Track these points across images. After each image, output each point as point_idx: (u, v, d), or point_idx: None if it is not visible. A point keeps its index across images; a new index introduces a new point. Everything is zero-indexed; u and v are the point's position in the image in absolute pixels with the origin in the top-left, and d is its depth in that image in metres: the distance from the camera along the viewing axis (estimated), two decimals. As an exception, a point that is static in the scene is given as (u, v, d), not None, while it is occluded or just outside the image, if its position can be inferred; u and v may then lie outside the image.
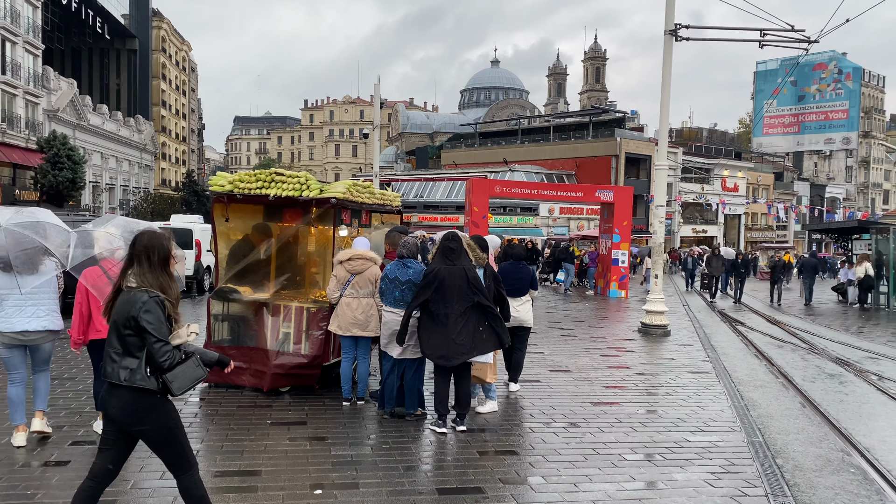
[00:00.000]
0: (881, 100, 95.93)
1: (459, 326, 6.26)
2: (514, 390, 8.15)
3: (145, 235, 3.85)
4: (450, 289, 6.28)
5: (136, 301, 3.62)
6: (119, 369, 3.63)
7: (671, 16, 14.16)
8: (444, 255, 6.44)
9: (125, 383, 3.62)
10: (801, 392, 8.74)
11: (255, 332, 7.68)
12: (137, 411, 3.66)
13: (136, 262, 3.75)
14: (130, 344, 3.64)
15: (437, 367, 6.53)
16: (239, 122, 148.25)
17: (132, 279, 3.72)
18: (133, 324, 3.60)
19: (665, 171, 14.51)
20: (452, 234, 6.60)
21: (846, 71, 64.89)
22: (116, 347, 3.66)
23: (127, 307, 3.63)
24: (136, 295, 3.65)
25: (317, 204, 7.39)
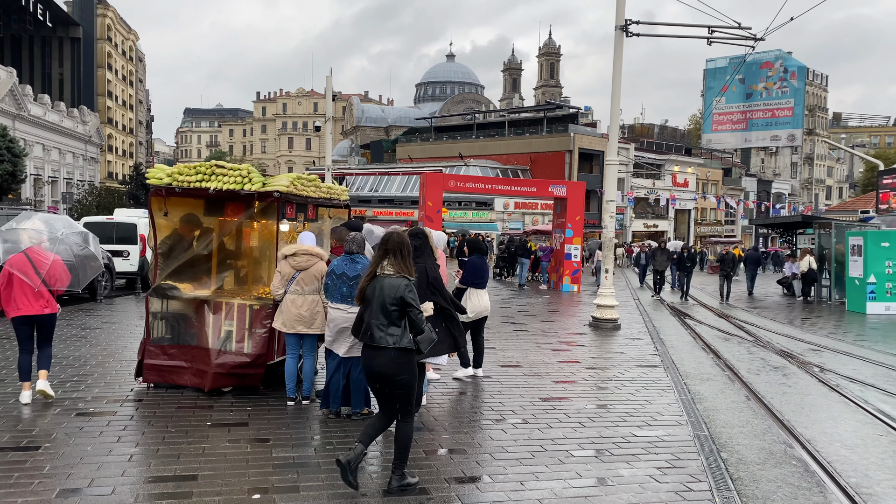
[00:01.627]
0: (824, 98, 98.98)
1: None
2: (481, 375, 8.55)
3: (395, 235, 4.96)
4: None
5: (400, 285, 4.76)
6: (386, 336, 4.74)
7: (622, 12, 14.24)
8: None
9: (392, 346, 4.72)
10: (747, 385, 8.87)
11: (196, 331, 7.42)
12: (399, 365, 4.73)
13: (392, 255, 4.85)
14: (395, 316, 4.75)
15: None
16: (189, 114, 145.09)
17: (389, 268, 4.83)
18: (400, 301, 4.72)
19: (616, 166, 14.62)
20: (417, 231, 6.46)
21: (791, 70, 66.74)
22: (382, 320, 4.75)
23: (393, 290, 4.74)
24: (398, 280, 4.79)
25: (259, 198, 7.16)
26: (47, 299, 6.84)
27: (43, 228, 6.95)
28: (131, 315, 13.68)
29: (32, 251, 6.77)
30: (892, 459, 6.03)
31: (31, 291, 6.71)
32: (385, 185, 56.44)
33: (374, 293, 4.83)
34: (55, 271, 6.82)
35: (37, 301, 6.76)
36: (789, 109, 67.48)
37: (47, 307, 6.83)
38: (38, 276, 6.70)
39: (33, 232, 6.86)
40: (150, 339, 7.50)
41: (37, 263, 6.72)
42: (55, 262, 6.83)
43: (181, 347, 7.44)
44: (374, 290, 4.85)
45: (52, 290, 6.89)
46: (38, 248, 6.82)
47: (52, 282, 6.83)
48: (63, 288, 6.97)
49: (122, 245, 17.94)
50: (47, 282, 6.79)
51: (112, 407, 6.78)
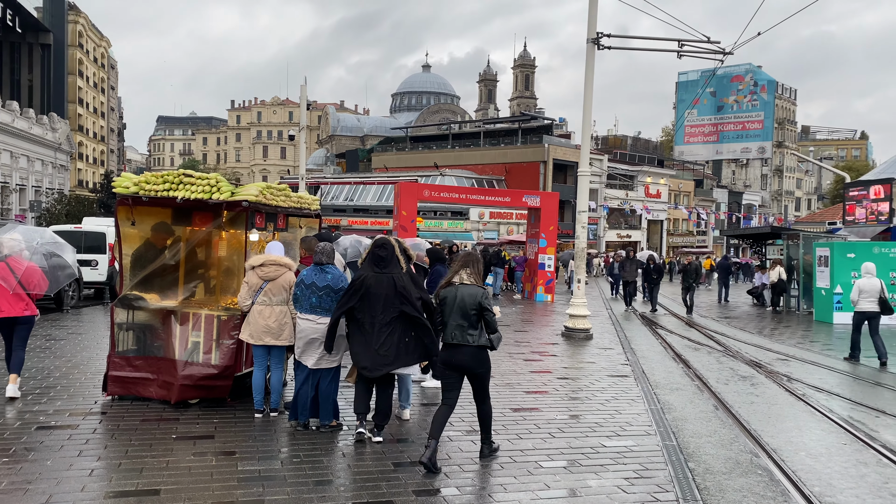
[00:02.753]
0: (793, 111, 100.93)
1: (384, 337, 6.07)
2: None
3: (472, 251, 6.16)
4: (376, 297, 6.09)
5: (478, 292, 5.74)
6: (467, 335, 5.68)
7: (593, 25, 14.40)
8: (372, 261, 6.26)
9: (473, 344, 5.67)
10: (715, 394, 8.95)
11: (163, 342, 7.31)
12: (479, 360, 5.75)
13: (470, 267, 5.89)
14: (474, 319, 5.67)
15: (358, 376, 6.35)
16: (162, 122, 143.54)
17: (467, 279, 5.82)
18: (479, 306, 5.66)
19: (588, 177, 14.73)
20: (383, 241, 6.41)
21: (761, 83, 68.04)
22: (462, 322, 5.68)
23: (472, 297, 5.70)
24: (475, 288, 5.78)
25: (228, 207, 7.09)
26: (27, 302, 7.49)
27: (21, 238, 7.67)
28: (98, 326, 13.44)
29: (12, 260, 7.37)
30: (855, 468, 6.11)
31: (9, 295, 7.33)
32: (360, 194, 56.30)
33: (453, 299, 5.75)
34: (33, 277, 7.46)
35: (17, 304, 7.38)
36: (759, 122, 68.72)
37: (27, 310, 7.48)
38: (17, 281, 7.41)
39: (13, 242, 7.49)
40: (116, 351, 7.38)
41: (16, 270, 7.36)
42: (33, 269, 7.51)
43: (147, 359, 7.32)
44: (453, 296, 5.77)
45: (30, 294, 7.55)
46: (18, 256, 7.46)
47: (30, 287, 7.48)
48: (42, 293, 7.68)
49: (91, 254, 17.66)
50: (25, 286, 7.45)
51: (74, 420, 6.64)
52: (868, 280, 12.22)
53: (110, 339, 7.45)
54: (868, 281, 12.21)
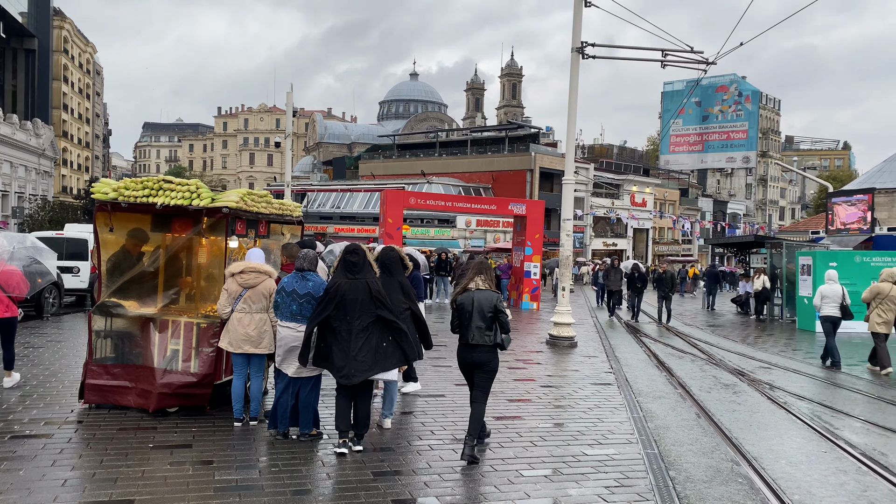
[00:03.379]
0: (777, 122, 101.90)
1: (361, 342, 6.05)
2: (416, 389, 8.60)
3: (484, 260, 6.77)
4: (351, 303, 6.06)
5: (494, 297, 6.26)
6: (484, 336, 6.17)
7: (578, 34, 14.48)
8: (344, 268, 6.22)
9: (489, 343, 6.19)
10: (697, 402, 8.96)
11: (141, 350, 7.22)
12: (493, 357, 6.27)
13: (483, 275, 6.41)
14: (490, 321, 6.19)
15: (339, 385, 6.30)
16: (148, 129, 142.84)
17: (482, 285, 6.34)
18: (494, 309, 6.17)
19: (572, 185, 14.77)
20: (354, 247, 6.39)
21: (746, 94, 68.39)
22: (480, 324, 6.18)
23: (489, 301, 6.21)
24: (490, 293, 6.30)
25: (208, 213, 7.03)
26: (7, 304, 7.92)
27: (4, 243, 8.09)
28: (78, 333, 13.28)
29: None
30: (834, 476, 6.12)
31: None
32: (347, 201, 56.20)
33: (471, 303, 6.25)
34: (12, 280, 7.87)
35: None
36: (744, 132, 69.11)
37: (7, 311, 7.94)
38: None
39: None
40: (93, 359, 7.28)
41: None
42: (12, 272, 7.90)
43: (125, 367, 7.23)
44: (470, 300, 6.27)
45: (11, 296, 7.92)
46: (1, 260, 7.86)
47: (9, 289, 7.87)
48: (22, 295, 8.03)
49: (72, 261, 17.48)
50: (5, 288, 7.84)
51: (49, 429, 6.54)
52: (830, 286, 12.66)
53: (88, 347, 7.35)
54: (830, 287, 12.65)
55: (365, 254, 6.36)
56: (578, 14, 14.38)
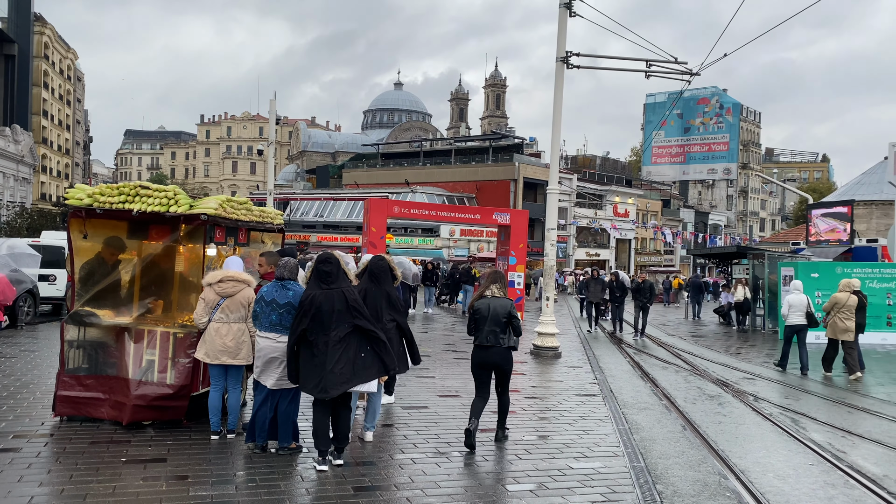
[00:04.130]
0: (758, 134, 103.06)
1: (338, 354, 5.84)
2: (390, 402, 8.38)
3: (498, 270, 7.54)
4: (327, 314, 5.87)
5: (508, 303, 6.89)
6: (499, 338, 6.76)
7: (562, 44, 14.47)
8: (318, 279, 6.05)
9: (504, 345, 6.78)
10: (683, 414, 8.88)
11: (116, 360, 7.01)
12: (506, 358, 6.88)
13: (498, 283, 7.06)
14: (504, 325, 6.78)
15: (316, 399, 6.13)
16: (130, 136, 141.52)
17: (497, 292, 6.98)
18: (508, 314, 6.80)
19: (556, 195, 14.73)
20: (326, 256, 6.21)
21: (727, 106, 69.05)
22: (495, 328, 6.77)
23: (503, 307, 6.83)
24: (505, 300, 6.93)
25: (186, 220, 6.85)
26: None
27: None
28: (53, 343, 12.96)
29: None
30: (822, 490, 6.05)
31: None
32: (330, 210, 55.92)
33: (487, 309, 6.86)
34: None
35: None
36: (725, 144, 69.70)
37: None
38: None
39: None
40: (66, 370, 7.06)
41: None
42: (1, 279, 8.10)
43: (99, 378, 7.01)
44: (486, 306, 6.87)
45: None
46: None
47: None
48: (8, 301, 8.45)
49: (49, 269, 17.14)
50: None
51: (18, 443, 6.31)
52: (796, 296, 13.23)
53: (60, 358, 7.12)
54: (796, 297, 13.21)
55: (338, 262, 6.18)
56: (563, 24, 14.38)
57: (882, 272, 19.23)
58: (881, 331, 18.84)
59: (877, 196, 46.92)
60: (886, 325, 18.91)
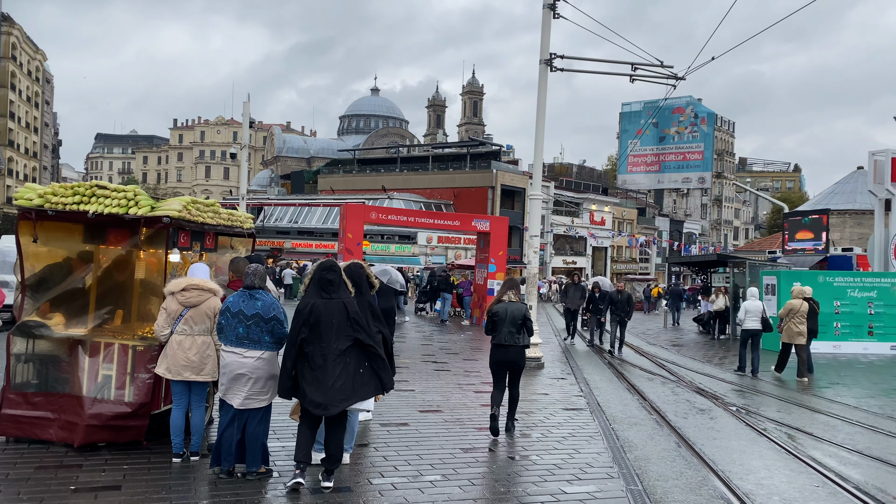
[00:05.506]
0: (731, 143, 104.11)
1: (339, 369, 5.43)
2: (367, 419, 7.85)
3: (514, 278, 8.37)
4: (327, 326, 5.43)
5: (523, 307, 7.70)
6: (516, 338, 7.57)
7: (546, 46, 14.11)
8: (319, 286, 5.57)
9: (519, 344, 7.62)
10: (675, 430, 8.47)
11: (68, 376, 6.41)
12: (522, 356, 7.75)
13: (515, 289, 7.86)
14: (519, 327, 7.56)
15: (304, 413, 5.63)
16: (101, 140, 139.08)
17: (514, 297, 7.77)
18: (523, 317, 7.60)
19: (539, 200, 14.33)
20: (330, 264, 5.76)
21: (701, 115, 69.90)
22: (512, 329, 7.55)
23: (519, 311, 7.62)
24: (521, 304, 7.72)
25: (146, 223, 6.29)
26: None
27: None
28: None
29: None
30: (832, 514, 5.66)
31: None
32: (305, 216, 55.14)
33: (504, 312, 7.62)
34: None
35: None
36: (699, 153, 70.52)
37: None
38: None
39: None
40: (11, 386, 6.45)
41: None
42: None
43: (48, 395, 6.41)
44: (504, 310, 7.64)
45: None
46: None
47: None
48: None
49: (7, 275, 16.32)
50: None
51: (-45, 468, 5.69)
52: (752, 302, 13.89)
53: (5, 373, 6.51)
54: (752, 303, 13.86)
55: (341, 271, 5.77)
56: (547, 26, 14.02)
57: (863, 281, 19.12)
58: (863, 340, 18.72)
59: (850, 206, 47.41)
60: (868, 335, 18.78)
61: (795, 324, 13.46)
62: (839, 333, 18.74)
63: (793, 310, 13.56)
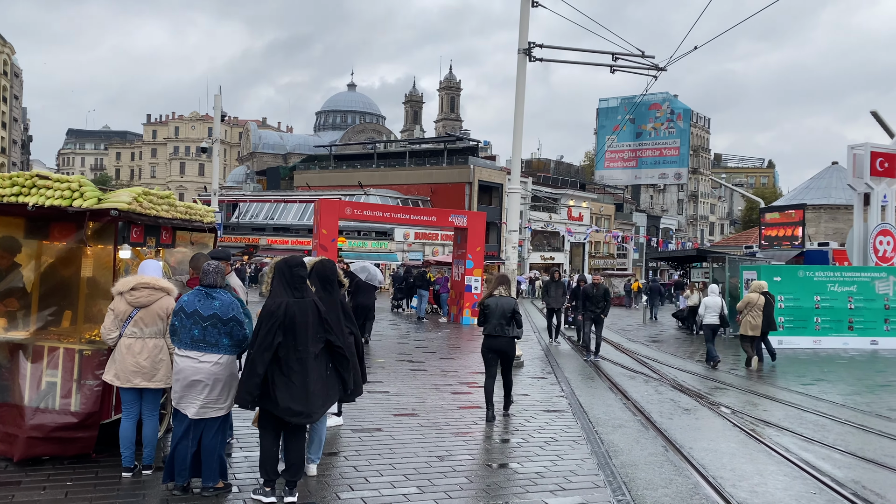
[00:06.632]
0: (707, 139, 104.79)
1: (315, 373, 5.06)
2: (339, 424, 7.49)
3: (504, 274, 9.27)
4: (301, 327, 5.02)
5: (513, 301, 8.34)
6: (507, 329, 8.16)
7: (525, 35, 13.72)
8: (291, 285, 5.11)
9: (508, 335, 8.21)
10: (661, 432, 8.11)
11: (8, 383, 5.88)
12: (511, 345, 8.37)
13: (505, 285, 8.45)
14: (509, 319, 8.15)
15: (263, 422, 5.18)
16: (73, 136, 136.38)
17: (504, 292, 8.35)
18: (512, 311, 8.19)
19: (518, 194, 13.95)
20: (298, 260, 5.33)
21: (678, 111, 70.13)
22: (502, 321, 8.14)
23: (509, 305, 8.21)
24: (510, 299, 8.34)
25: (93, 216, 5.76)
26: None
27: None
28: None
29: None
30: (833, 524, 5.32)
31: None
32: (281, 212, 54.36)
33: (496, 306, 8.20)
34: None
35: None
36: (676, 149, 70.79)
37: None
38: None
39: None
40: (-55, 395, 5.89)
41: None
42: None
43: (-14, 405, 5.86)
44: (495, 303, 8.21)
45: None
46: None
47: None
48: None
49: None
50: None
51: None
52: (712, 298, 14.60)
53: (-61, 381, 5.95)
54: (712, 299, 14.56)
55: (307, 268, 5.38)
56: (525, 14, 13.61)
57: (843, 275, 19.02)
58: (843, 335, 18.62)
59: (825, 200, 47.73)
60: (848, 330, 18.68)
61: (753, 317, 13.98)
62: (819, 328, 18.64)
63: (750, 303, 14.11)
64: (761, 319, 13.99)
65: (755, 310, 14.04)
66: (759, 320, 13.98)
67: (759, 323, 13.99)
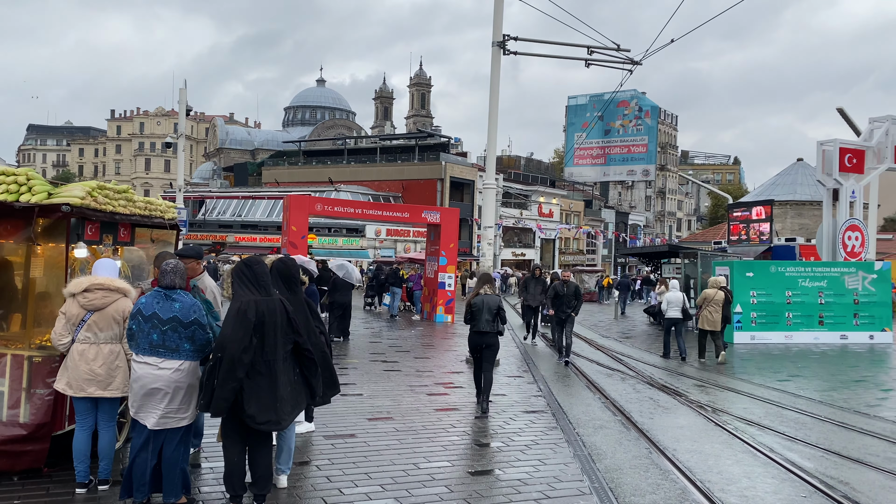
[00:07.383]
0: (675, 136, 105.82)
1: (284, 378, 4.78)
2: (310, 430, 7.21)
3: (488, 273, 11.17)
4: (271, 328, 4.70)
5: (497, 299, 8.84)
6: (492, 325, 8.67)
7: (499, 28, 13.45)
8: (254, 283, 4.77)
9: (494, 330, 8.71)
10: (644, 433, 7.91)
11: (-50, 393, 5.42)
12: (497, 340, 8.83)
13: (490, 283, 9.06)
14: (494, 315, 8.69)
15: (227, 431, 4.82)
16: (34, 131, 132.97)
17: (489, 290, 8.90)
18: (498, 308, 8.73)
19: (493, 190, 13.70)
20: (258, 259, 5.00)
21: (645, 109, 70.44)
22: (488, 317, 8.65)
23: (494, 302, 8.73)
24: (495, 296, 8.84)
25: (42, 212, 5.34)
26: None
27: None
28: None
29: None
30: (827, 530, 5.14)
31: None
32: (249, 209, 53.50)
33: (482, 303, 8.66)
34: None
35: None
36: (643, 146, 71.12)
37: None
38: None
39: None
40: None
41: None
42: None
43: (-74, 417, 5.40)
44: (481, 301, 8.68)
45: None
46: None
47: None
48: None
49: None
50: None
51: None
52: (673, 293, 14.85)
53: None
54: (674, 294, 14.83)
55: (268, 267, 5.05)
56: (500, 6, 13.34)
57: (814, 271, 19.12)
58: (813, 330, 18.71)
59: (791, 196, 48.38)
60: (818, 325, 18.78)
61: (711, 312, 14.26)
62: (791, 323, 18.71)
63: (708, 298, 14.40)
64: (719, 315, 14.23)
65: (713, 305, 14.25)
66: (716, 315, 14.22)
67: (716, 318, 14.22)
